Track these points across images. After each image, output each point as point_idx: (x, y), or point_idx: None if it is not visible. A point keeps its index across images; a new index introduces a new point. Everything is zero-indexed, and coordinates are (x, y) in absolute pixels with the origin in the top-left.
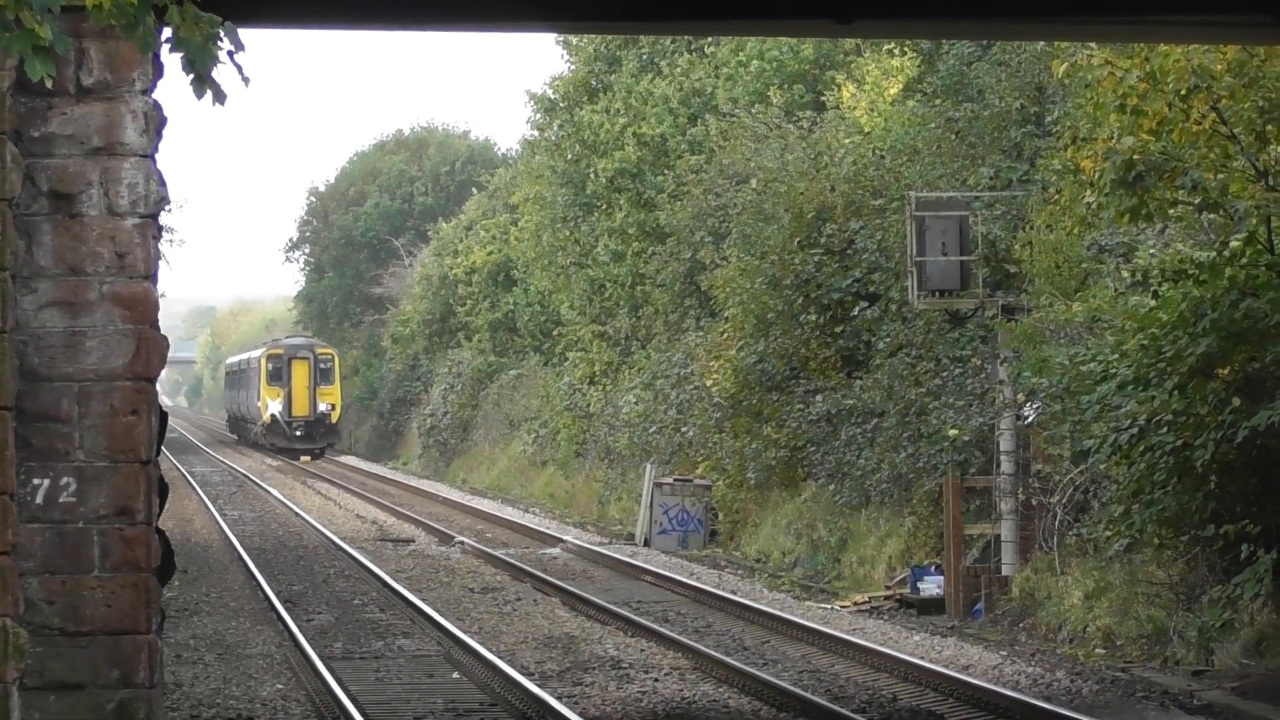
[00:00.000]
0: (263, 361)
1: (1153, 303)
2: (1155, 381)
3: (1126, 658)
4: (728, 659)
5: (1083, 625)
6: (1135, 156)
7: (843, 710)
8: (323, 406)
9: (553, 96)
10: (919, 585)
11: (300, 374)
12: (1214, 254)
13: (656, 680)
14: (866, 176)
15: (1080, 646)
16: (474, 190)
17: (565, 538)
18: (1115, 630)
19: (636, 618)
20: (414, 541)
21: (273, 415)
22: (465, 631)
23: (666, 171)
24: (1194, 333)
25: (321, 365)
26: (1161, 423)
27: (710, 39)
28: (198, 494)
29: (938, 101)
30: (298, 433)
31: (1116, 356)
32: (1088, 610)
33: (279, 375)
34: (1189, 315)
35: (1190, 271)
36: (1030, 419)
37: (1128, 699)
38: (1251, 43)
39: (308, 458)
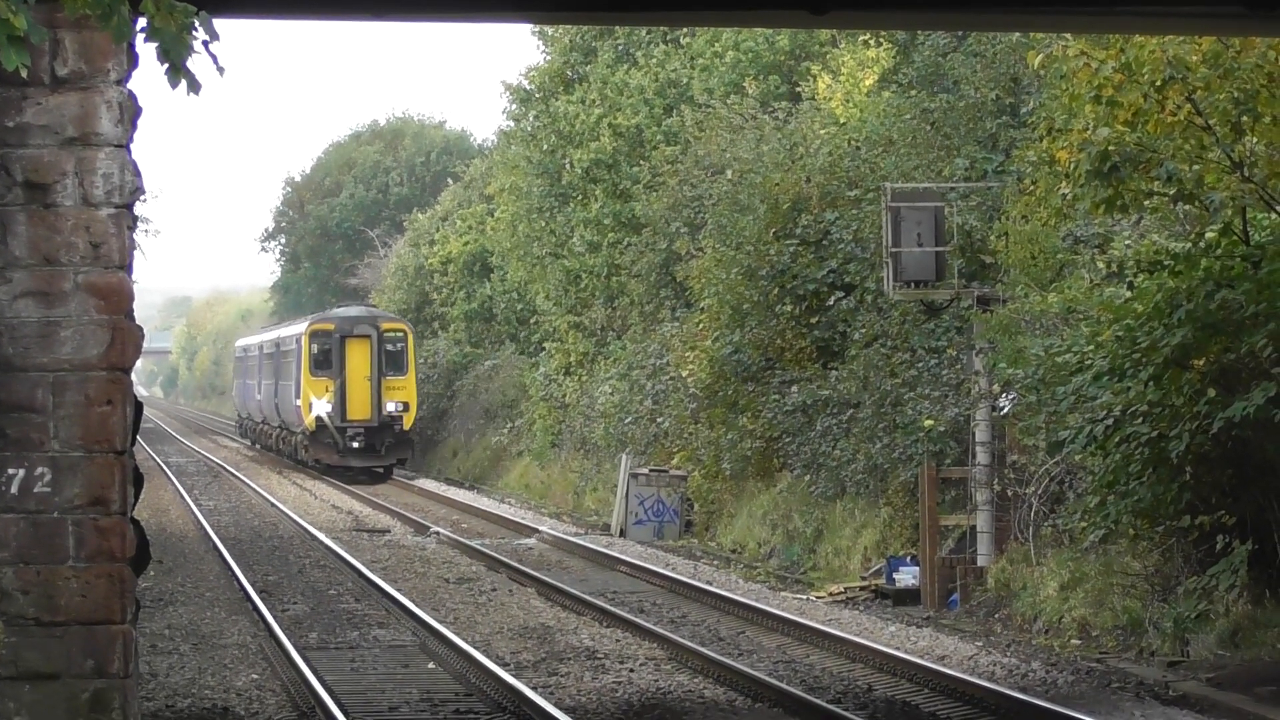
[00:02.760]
0: (304, 341)
1: (1128, 294)
2: (1130, 373)
3: (1102, 648)
4: (703, 649)
5: (1058, 616)
6: (1110, 147)
7: (818, 701)
8: (391, 406)
9: (528, 87)
10: (894, 576)
11: (359, 358)
12: (1189, 245)
13: (632, 671)
14: (842, 167)
15: (1056, 637)
16: (450, 181)
17: (541, 528)
18: (1091, 621)
19: (612, 608)
20: (389, 532)
21: (319, 419)
22: (441, 622)
23: (642, 162)
24: (1169, 324)
25: (389, 346)
26: (1137, 414)
27: (685, 30)
28: (173, 484)
29: (913, 92)
30: (354, 443)
31: (1092, 347)
32: (1063, 601)
33: (327, 360)
34: (1164, 306)
35: (1165, 262)
36: (1006, 410)
37: (1103, 690)
38: (1226, 34)
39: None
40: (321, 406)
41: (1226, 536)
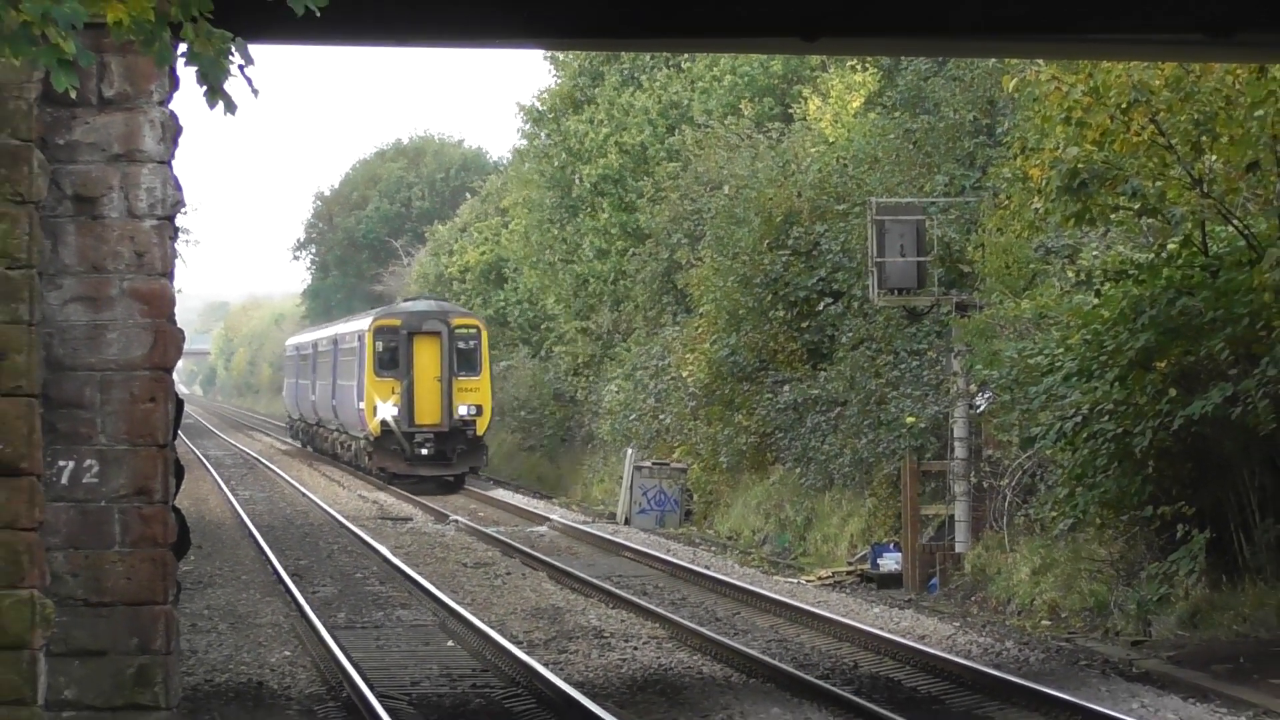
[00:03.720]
0: (368, 339)
1: (1095, 301)
2: (1097, 373)
3: (1070, 629)
4: (701, 629)
5: (1030, 599)
6: (1080, 165)
7: (808, 676)
8: (463, 409)
9: (541, 108)
10: (879, 561)
11: (428, 357)
12: (1152, 256)
13: (636, 648)
14: (831, 183)
15: (1028, 618)
16: (467, 195)
17: (552, 517)
18: (1060, 603)
19: (617, 590)
20: (412, 520)
21: (384, 423)
22: (459, 603)
23: (646, 177)
24: (1134, 329)
25: (460, 344)
26: (1103, 412)
27: (686, 55)
28: (212, 475)
29: (897, 114)
30: (423, 450)
31: (1062, 350)
32: (1034, 585)
33: (393, 360)
34: (1129, 312)
35: (1130, 272)
36: (982, 408)
37: (1071, 667)
38: (1187, 59)
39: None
40: (387, 410)
41: (1186, 525)
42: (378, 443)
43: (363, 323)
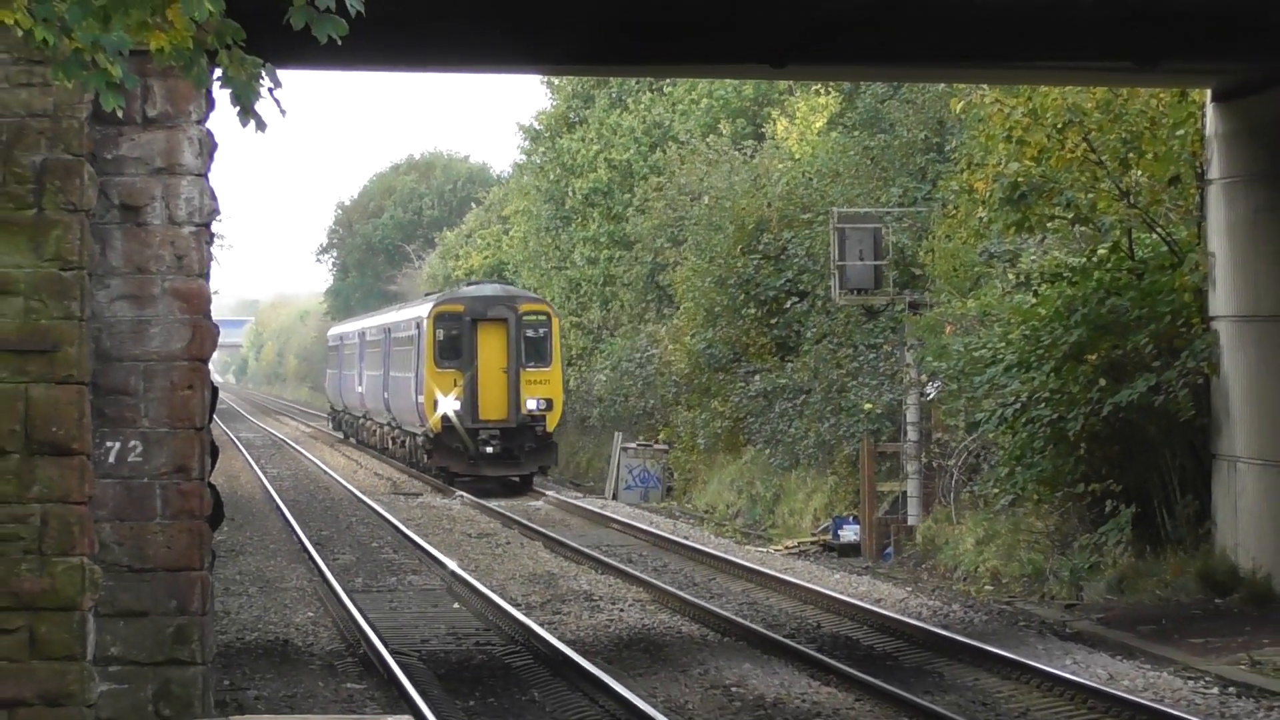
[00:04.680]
0: (428, 326)
1: (1033, 300)
2: (1035, 365)
3: (1011, 594)
4: (681, 593)
5: (974, 566)
6: (1019, 179)
7: (776, 635)
8: (532, 403)
9: (538, 128)
10: (839, 533)
11: (493, 346)
12: (1084, 260)
13: (622, 610)
14: (797, 195)
15: (972, 584)
16: (473, 205)
17: (547, 493)
18: (1001, 571)
19: (605, 558)
20: (421, 495)
21: (445, 417)
22: (464, 569)
23: (632, 190)
24: (1067, 325)
25: (529, 331)
26: (1040, 399)
27: (668, 80)
28: (243, 455)
29: (856, 133)
30: (488, 449)
31: (1003, 344)
32: (979, 554)
33: (454, 349)
34: (1063, 311)
35: (1065, 274)
36: (931, 396)
37: (1012, 627)
38: (1116, 85)
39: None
40: (448, 404)
41: (1114, 501)
42: (437, 440)
43: (421, 309)
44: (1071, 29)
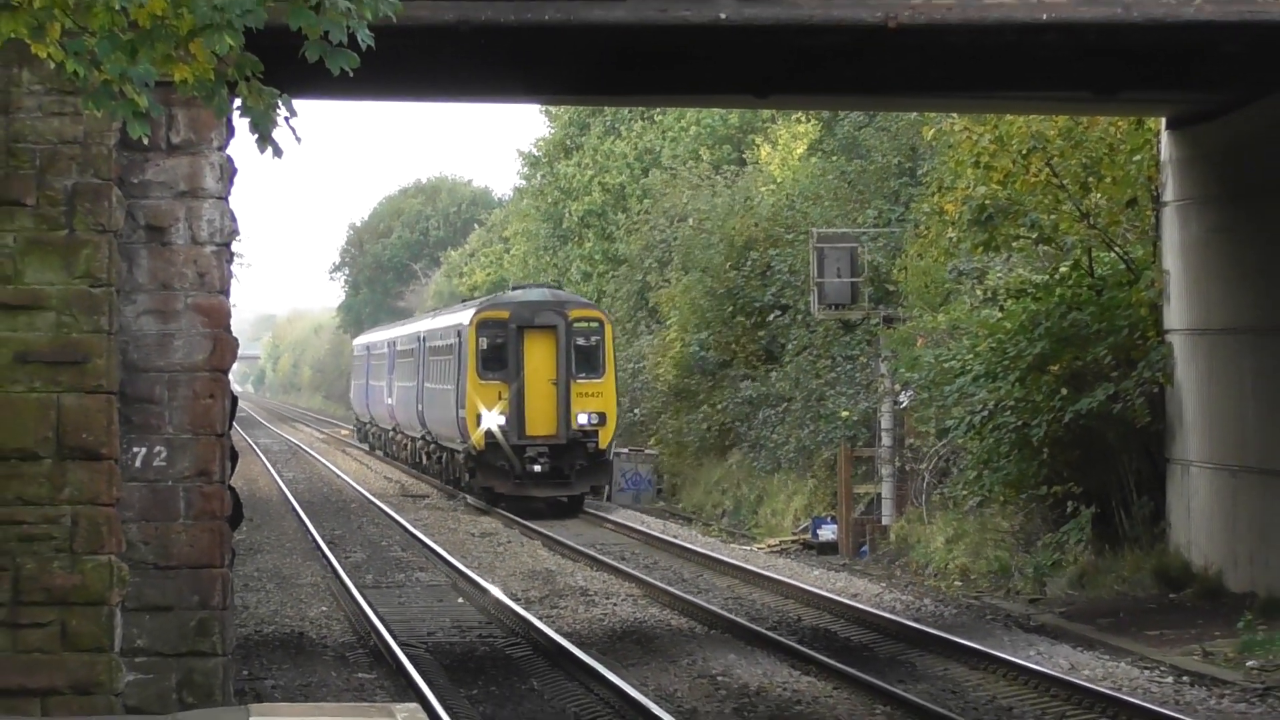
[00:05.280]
0: (470, 334)
1: (1000, 314)
2: (1001, 375)
3: (978, 589)
4: (670, 588)
5: (945, 563)
6: (986, 201)
7: (759, 628)
8: (583, 418)
9: (537, 154)
10: (818, 532)
11: (541, 355)
12: (1047, 277)
13: (615, 604)
14: (781, 216)
15: (942, 580)
16: (476, 226)
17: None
18: (970, 567)
19: (600, 556)
20: (428, 497)
21: (489, 433)
22: (468, 566)
23: (624, 212)
24: (1031, 338)
25: (580, 339)
26: (1006, 407)
27: (658, 109)
28: (261, 460)
29: (834, 158)
30: (535, 467)
31: (971, 356)
32: (948, 552)
33: (499, 359)
34: (1028, 324)
35: (1029, 290)
36: (904, 404)
37: (979, 620)
38: (1077, 113)
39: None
40: (492, 419)
41: (1075, 502)
42: (481, 458)
43: (462, 316)
44: (1035, 62)
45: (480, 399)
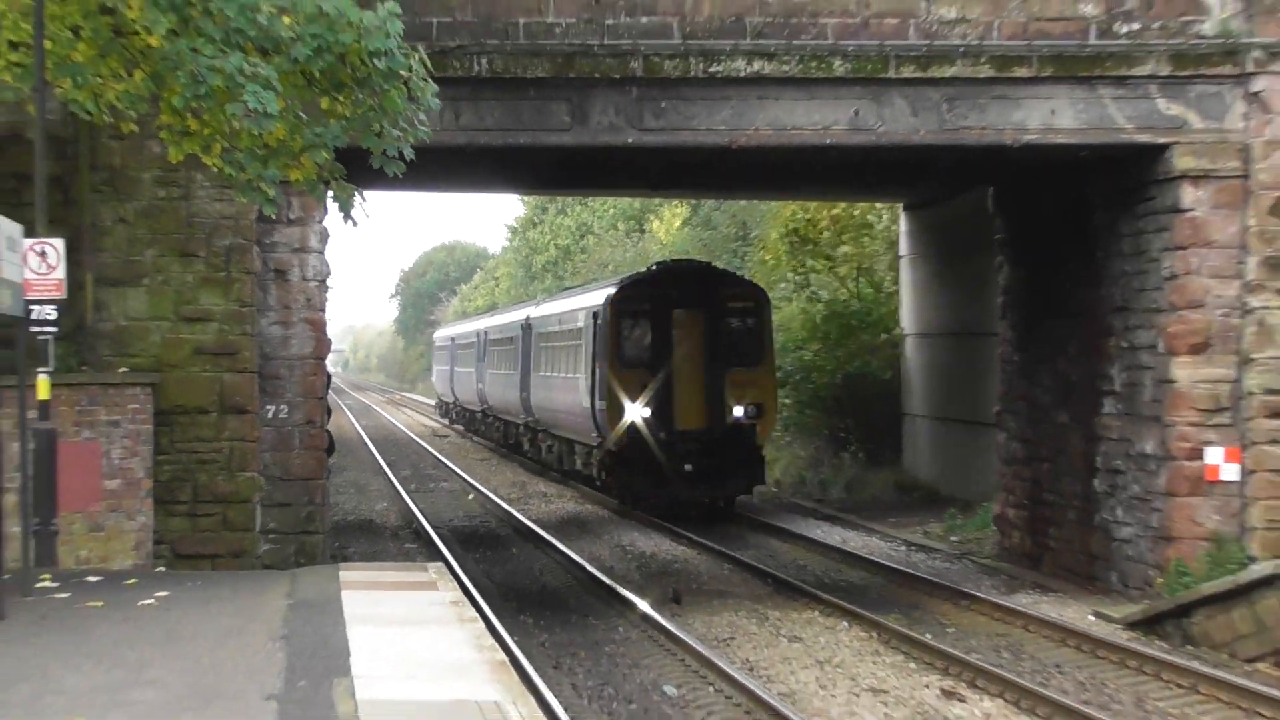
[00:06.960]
0: (607, 315)
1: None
2: (806, 347)
3: (786, 492)
4: (597, 493)
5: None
6: (795, 239)
7: (651, 516)
8: (739, 410)
9: (515, 225)
10: None
11: (691, 341)
12: (837, 288)
13: (564, 503)
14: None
15: (767, 487)
16: (478, 269)
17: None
18: (781, 479)
19: (553, 473)
20: (449, 436)
21: (632, 427)
22: (473, 479)
23: (569, 261)
24: (826, 328)
25: (734, 321)
26: (810, 371)
27: (591, 198)
28: (347, 414)
29: (698, 228)
30: (686, 465)
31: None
32: (770, 469)
33: (642, 344)
34: (825, 319)
35: (826, 299)
36: None
37: (787, 512)
38: (850, 201)
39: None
40: (636, 411)
41: (847, 436)
42: (620, 455)
43: (595, 297)
44: (823, 169)
45: (621, 389)
